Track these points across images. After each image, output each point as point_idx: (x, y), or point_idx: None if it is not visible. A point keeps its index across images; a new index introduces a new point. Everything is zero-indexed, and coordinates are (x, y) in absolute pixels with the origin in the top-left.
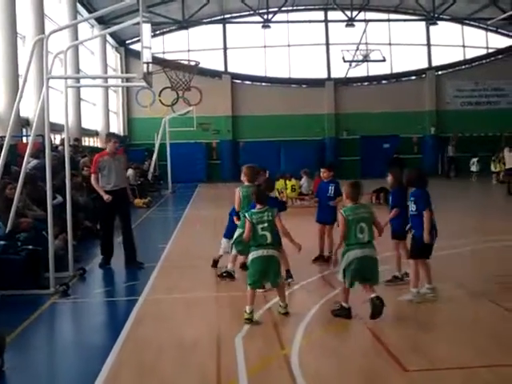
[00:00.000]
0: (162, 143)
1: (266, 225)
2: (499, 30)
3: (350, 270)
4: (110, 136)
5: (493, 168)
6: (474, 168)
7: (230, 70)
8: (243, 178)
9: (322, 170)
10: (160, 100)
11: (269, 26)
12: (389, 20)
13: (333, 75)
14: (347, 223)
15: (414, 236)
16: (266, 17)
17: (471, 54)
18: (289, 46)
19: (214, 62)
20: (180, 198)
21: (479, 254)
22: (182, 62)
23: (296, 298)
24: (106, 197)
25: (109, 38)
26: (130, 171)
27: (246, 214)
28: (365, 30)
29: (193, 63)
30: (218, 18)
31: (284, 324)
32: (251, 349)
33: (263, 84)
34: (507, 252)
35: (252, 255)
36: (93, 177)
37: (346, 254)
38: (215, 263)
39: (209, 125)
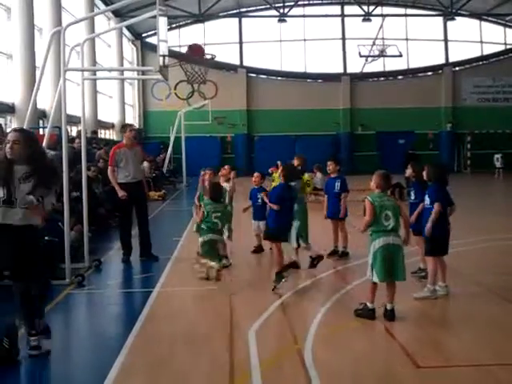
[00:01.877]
0: (177, 136)
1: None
2: None
3: (377, 264)
4: (125, 127)
5: None
6: (498, 164)
7: (245, 63)
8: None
9: (328, 162)
10: (175, 93)
11: (285, 20)
12: (406, 15)
13: (349, 70)
14: (374, 210)
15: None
16: (282, 11)
17: (489, 50)
18: (305, 40)
19: (229, 56)
20: (194, 192)
21: (496, 251)
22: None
23: (309, 292)
24: (121, 193)
25: (125, 31)
26: (146, 164)
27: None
28: (381, 25)
29: (209, 56)
30: (234, 11)
31: (297, 319)
32: (264, 342)
33: (278, 78)
34: None
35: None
36: (110, 170)
37: (372, 243)
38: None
39: (224, 118)
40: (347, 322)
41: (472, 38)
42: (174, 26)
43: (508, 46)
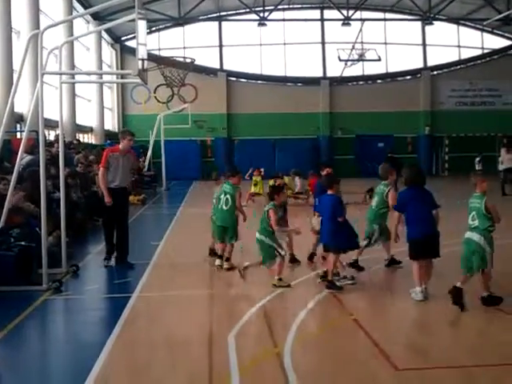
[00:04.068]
0: (157, 140)
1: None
2: (494, 31)
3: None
4: (126, 133)
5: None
6: (478, 167)
7: (225, 67)
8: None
9: (326, 169)
10: (155, 97)
11: (265, 24)
12: (385, 19)
13: (328, 74)
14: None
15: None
16: (262, 15)
17: (466, 54)
18: (285, 44)
19: (209, 60)
20: (174, 196)
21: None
22: (178, 59)
23: (290, 296)
24: (107, 199)
25: (104, 35)
26: None
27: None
28: (361, 29)
29: (188, 60)
30: (214, 15)
31: (277, 322)
32: (244, 347)
33: (259, 82)
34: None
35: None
36: (101, 171)
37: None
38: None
39: (204, 122)
40: (327, 325)
41: (450, 42)
42: (153, 29)
43: (485, 51)
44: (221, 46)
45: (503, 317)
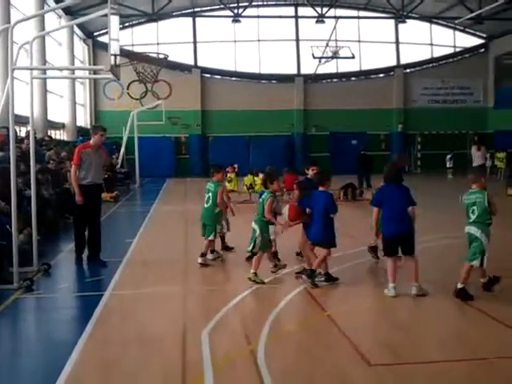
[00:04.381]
0: (130, 137)
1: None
2: (466, 30)
3: None
4: (97, 128)
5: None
6: (449, 164)
7: (199, 64)
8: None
9: (312, 167)
10: (128, 93)
11: (239, 21)
12: (358, 17)
13: (302, 71)
14: None
15: None
16: (236, 11)
17: (439, 52)
18: (259, 41)
19: (183, 56)
20: (148, 193)
21: (447, 249)
22: (151, 54)
23: (265, 292)
24: (78, 198)
25: (77, 30)
26: None
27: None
28: (334, 27)
29: (161, 56)
30: (188, 11)
31: (251, 319)
32: (217, 344)
33: (233, 79)
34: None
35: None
36: (73, 169)
37: None
38: None
39: (178, 119)
40: (301, 321)
41: (422, 40)
42: (126, 25)
43: (457, 49)
44: (195, 42)
45: (474, 313)
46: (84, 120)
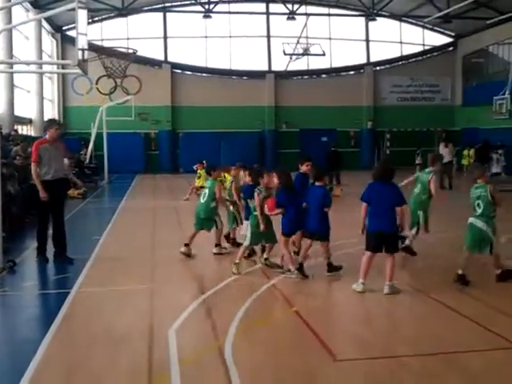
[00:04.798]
0: (99, 133)
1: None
2: (435, 28)
3: None
4: (52, 122)
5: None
6: (418, 161)
7: (170, 59)
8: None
9: (306, 163)
10: (97, 88)
11: (210, 16)
12: (329, 14)
13: (273, 68)
14: None
15: None
16: (207, 7)
17: (408, 50)
18: (230, 37)
19: (153, 51)
20: (116, 189)
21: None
22: (119, 49)
23: (232, 289)
24: (42, 194)
25: (45, 24)
26: (65, 161)
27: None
28: (305, 24)
29: (130, 51)
30: (159, 6)
31: (219, 315)
32: (184, 341)
33: (204, 75)
34: (438, 245)
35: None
36: (33, 166)
37: None
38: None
39: (147, 115)
40: (268, 317)
41: (392, 38)
42: (96, 19)
43: (426, 47)
44: (165, 37)
45: (441, 308)
46: (52, 115)
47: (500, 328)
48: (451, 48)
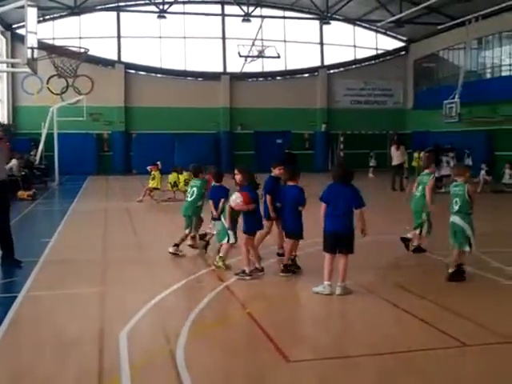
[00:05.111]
0: (50, 133)
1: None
2: (388, 33)
3: None
4: None
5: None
6: (372, 163)
7: (123, 59)
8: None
9: (278, 167)
10: (48, 88)
11: (164, 17)
12: (284, 17)
13: (229, 69)
14: None
15: None
16: (161, 7)
17: (361, 54)
18: (185, 38)
19: (107, 51)
20: (68, 191)
21: (365, 248)
22: (70, 48)
23: (185, 291)
24: None
25: None
26: (14, 161)
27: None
28: (260, 26)
29: (81, 50)
30: (112, 5)
31: (171, 318)
32: (136, 345)
33: (158, 75)
34: (388, 247)
35: None
36: None
37: None
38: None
39: (100, 115)
40: (221, 320)
41: (346, 42)
42: (47, 17)
43: (379, 51)
44: (119, 37)
45: (392, 309)
46: (1, 115)
47: (451, 328)
48: (403, 52)
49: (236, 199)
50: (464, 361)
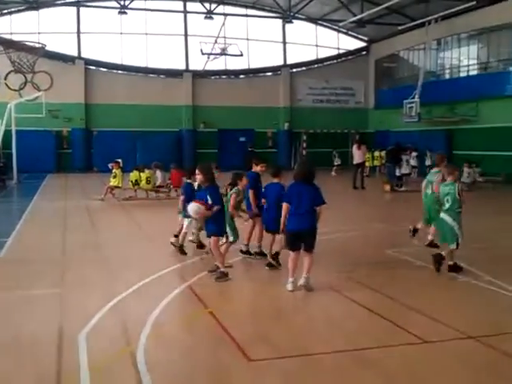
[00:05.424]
0: (8, 130)
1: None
2: (350, 32)
3: None
4: None
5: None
6: (336, 161)
7: (83, 55)
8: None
9: (261, 164)
10: (6, 84)
11: (125, 13)
12: (247, 15)
13: (191, 67)
14: None
15: None
16: (122, 3)
17: (324, 53)
18: (146, 34)
19: (67, 47)
20: (26, 189)
21: (326, 245)
22: (27, 43)
23: (146, 292)
24: None
25: None
26: None
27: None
28: (223, 24)
29: (38, 45)
30: (72, 0)
31: (131, 319)
32: (95, 346)
33: (119, 72)
34: (350, 243)
35: None
36: None
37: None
38: None
39: (59, 112)
40: (182, 319)
41: (308, 41)
42: (5, 12)
43: (341, 51)
44: (79, 32)
45: (354, 306)
46: None
47: (411, 325)
48: (364, 52)
49: (197, 210)
50: (422, 357)
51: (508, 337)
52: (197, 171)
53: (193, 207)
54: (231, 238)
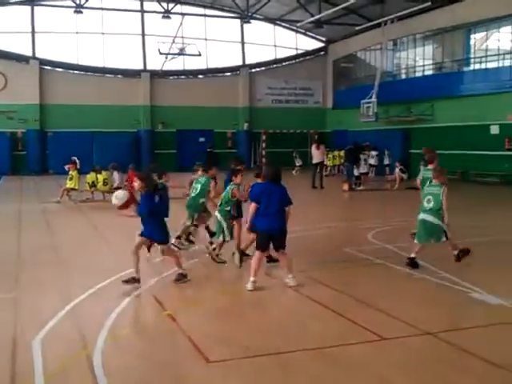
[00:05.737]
0: None
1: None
2: (308, 33)
3: None
4: None
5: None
6: (297, 162)
7: (38, 55)
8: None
9: (240, 165)
10: None
11: (81, 12)
12: (205, 15)
13: (149, 67)
14: None
15: None
16: (78, 2)
17: (282, 53)
18: (103, 33)
19: (20, 46)
20: None
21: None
22: None
23: (103, 294)
24: None
25: None
26: None
27: None
28: (181, 23)
29: None
30: None
31: (88, 322)
32: (50, 351)
33: (75, 72)
34: (308, 242)
35: None
36: None
37: None
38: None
39: (13, 113)
40: (140, 322)
41: (267, 41)
42: None
43: (299, 51)
44: (33, 32)
45: (311, 303)
46: None
47: (370, 323)
48: (322, 52)
49: (122, 197)
50: (380, 353)
51: (464, 332)
52: (135, 178)
53: (119, 193)
54: (227, 238)
